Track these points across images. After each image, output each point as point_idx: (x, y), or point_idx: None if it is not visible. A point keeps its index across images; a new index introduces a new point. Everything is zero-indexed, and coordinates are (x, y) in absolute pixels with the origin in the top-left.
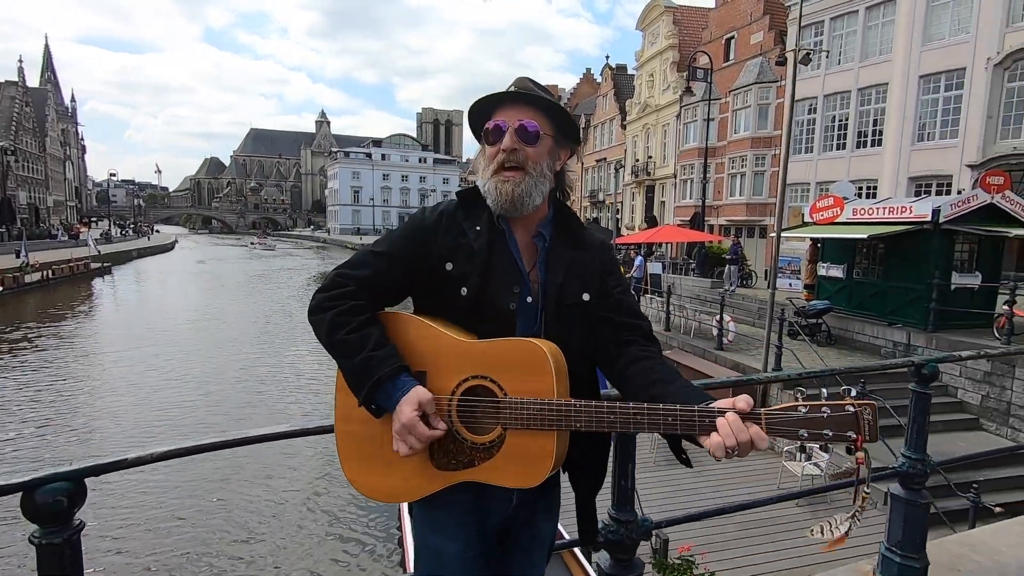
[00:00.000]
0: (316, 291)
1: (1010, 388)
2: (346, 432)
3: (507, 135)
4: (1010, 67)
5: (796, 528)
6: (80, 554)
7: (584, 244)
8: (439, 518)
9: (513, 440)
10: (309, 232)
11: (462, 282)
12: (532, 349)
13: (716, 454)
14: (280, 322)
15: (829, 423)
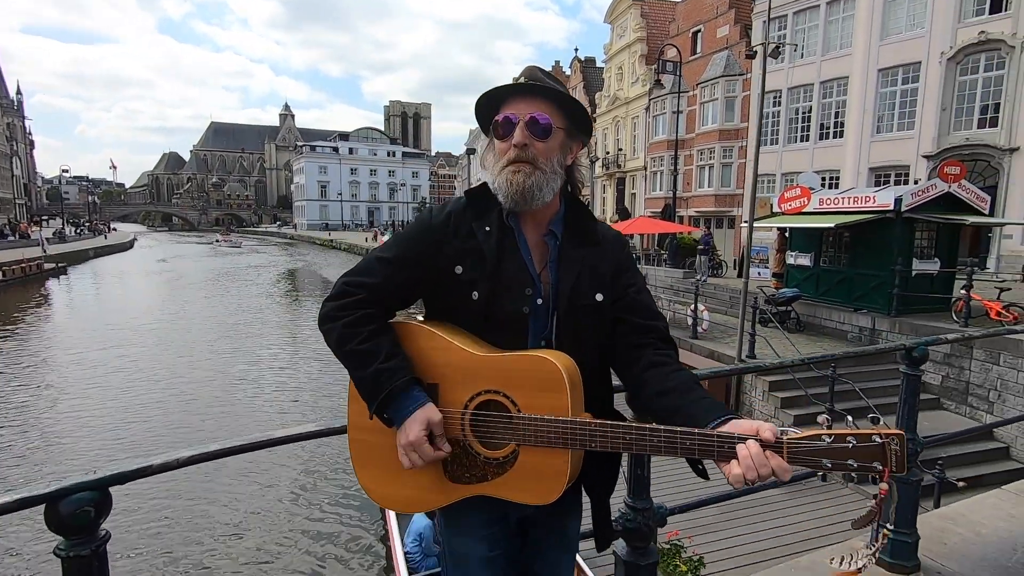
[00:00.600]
0: (325, 300)
1: (968, 369)
2: (360, 441)
3: (518, 129)
4: (962, 61)
5: (778, 510)
6: (107, 565)
7: (597, 240)
8: (461, 521)
9: (526, 457)
10: (275, 228)
11: (472, 287)
12: (547, 365)
13: (735, 484)
14: (251, 320)
15: (854, 453)
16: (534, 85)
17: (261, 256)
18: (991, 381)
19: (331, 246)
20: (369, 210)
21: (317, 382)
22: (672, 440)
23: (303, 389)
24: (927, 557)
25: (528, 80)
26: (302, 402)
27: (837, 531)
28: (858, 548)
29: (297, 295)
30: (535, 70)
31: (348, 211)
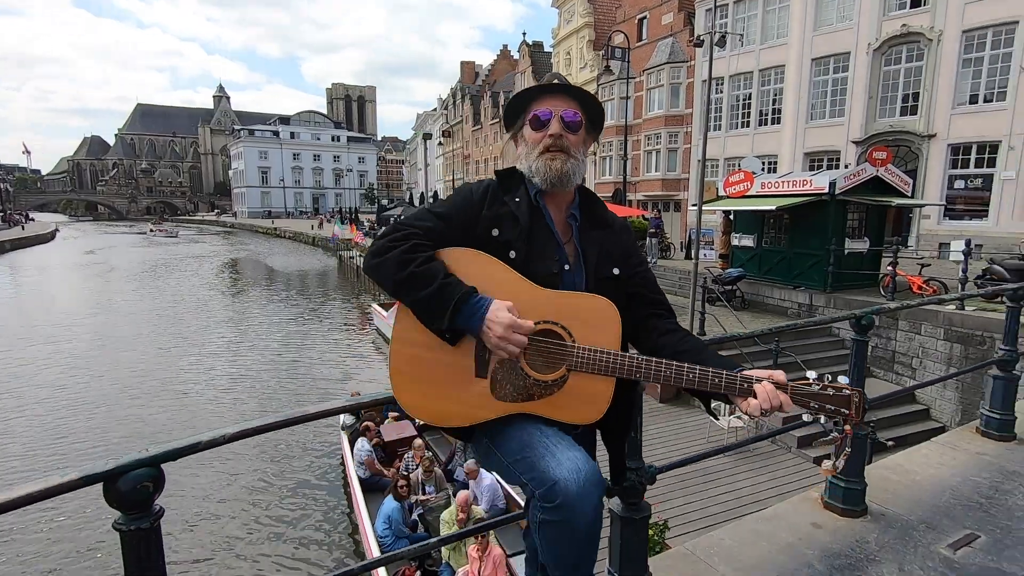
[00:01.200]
0: (377, 238)
1: (894, 339)
2: (407, 355)
3: (553, 121)
4: (886, 52)
5: (727, 477)
6: (161, 538)
7: (609, 224)
8: (512, 423)
9: (575, 382)
10: (214, 216)
11: (509, 247)
12: (604, 305)
13: (752, 413)
14: (195, 312)
15: (832, 400)
16: (567, 86)
17: (200, 246)
18: (914, 349)
19: (275, 234)
20: (314, 196)
21: (270, 372)
22: (704, 377)
23: (257, 380)
24: (873, 502)
25: (558, 82)
26: (258, 393)
27: (784, 491)
28: (834, 459)
29: (243, 285)
30: (559, 75)
31: (292, 198)
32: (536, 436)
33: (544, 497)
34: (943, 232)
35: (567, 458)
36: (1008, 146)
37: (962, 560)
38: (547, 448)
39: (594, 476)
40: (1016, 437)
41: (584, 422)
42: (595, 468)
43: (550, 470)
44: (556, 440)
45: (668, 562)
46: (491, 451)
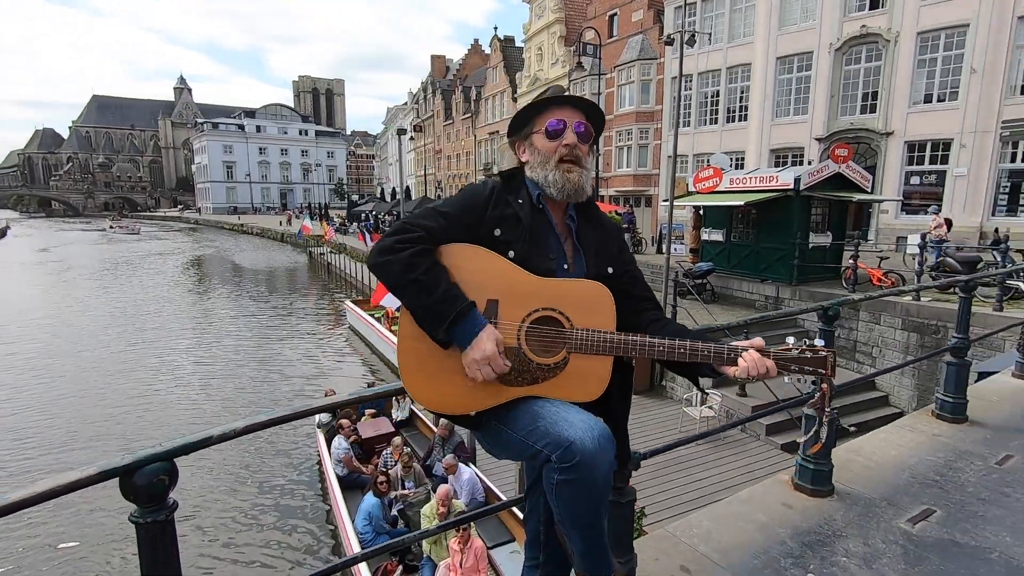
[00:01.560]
0: (384, 236)
1: (856, 329)
2: (414, 349)
3: (569, 132)
4: (847, 52)
5: (702, 464)
6: (175, 530)
7: (604, 226)
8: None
9: (576, 363)
10: (177, 212)
11: (509, 246)
12: (600, 291)
13: (739, 376)
14: (159, 311)
15: (810, 361)
16: (578, 98)
17: (163, 243)
18: (874, 339)
19: (241, 231)
20: (281, 192)
21: (243, 370)
22: (695, 350)
23: (229, 378)
24: (839, 483)
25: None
26: (230, 391)
27: (755, 476)
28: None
29: (210, 283)
30: (563, 88)
31: (258, 193)
32: (546, 407)
33: (562, 458)
34: (899, 226)
35: (579, 419)
36: (960, 144)
37: (920, 533)
38: (558, 414)
39: (607, 433)
40: (968, 419)
41: (588, 399)
42: (606, 428)
43: (564, 432)
44: (564, 407)
45: (651, 544)
46: (501, 431)
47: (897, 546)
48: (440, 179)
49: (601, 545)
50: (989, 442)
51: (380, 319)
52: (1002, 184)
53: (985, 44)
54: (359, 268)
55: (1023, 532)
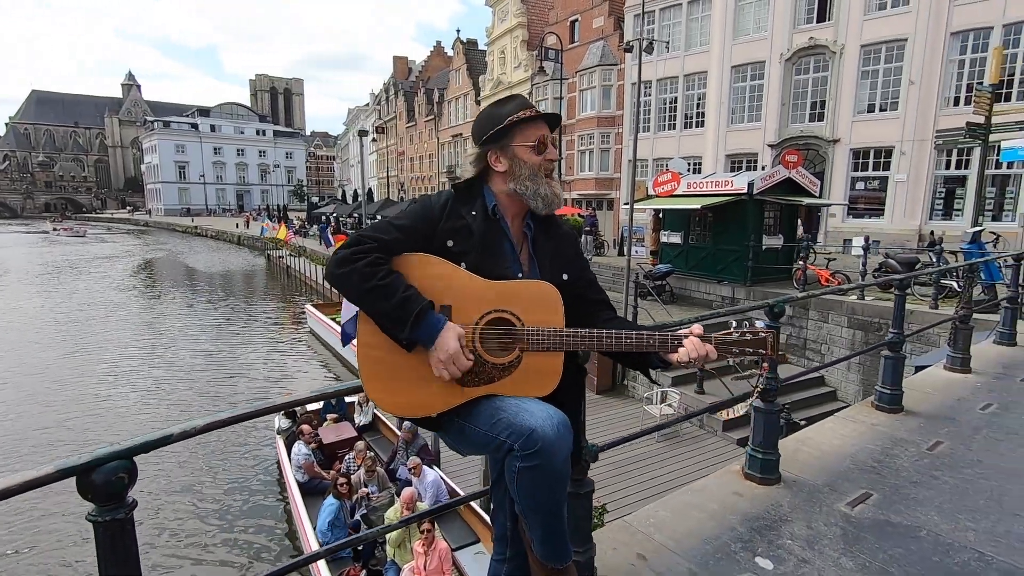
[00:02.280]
0: (339, 248)
1: (805, 327)
2: (374, 357)
3: (550, 147)
4: (797, 62)
5: (661, 460)
6: (135, 529)
7: (559, 233)
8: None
9: (529, 360)
10: (126, 214)
11: (461, 257)
12: (548, 289)
13: (682, 361)
14: (106, 317)
15: (751, 343)
16: (552, 115)
17: (110, 245)
18: (823, 336)
19: (195, 233)
20: (238, 193)
21: (199, 375)
22: (640, 340)
23: (185, 383)
24: (786, 471)
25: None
26: (186, 396)
27: (712, 470)
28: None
29: (162, 287)
30: (525, 98)
31: (213, 194)
32: (506, 400)
33: (524, 446)
34: (847, 229)
35: (539, 409)
36: (900, 151)
37: (858, 515)
38: (518, 406)
39: (565, 421)
40: (904, 409)
41: (542, 394)
42: (564, 416)
43: (526, 421)
44: (524, 400)
45: (609, 534)
46: (464, 428)
47: (837, 528)
48: (403, 181)
49: (560, 532)
50: (922, 430)
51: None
52: (938, 190)
53: (922, 57)
54: (319, 271)
55: (949, 512)
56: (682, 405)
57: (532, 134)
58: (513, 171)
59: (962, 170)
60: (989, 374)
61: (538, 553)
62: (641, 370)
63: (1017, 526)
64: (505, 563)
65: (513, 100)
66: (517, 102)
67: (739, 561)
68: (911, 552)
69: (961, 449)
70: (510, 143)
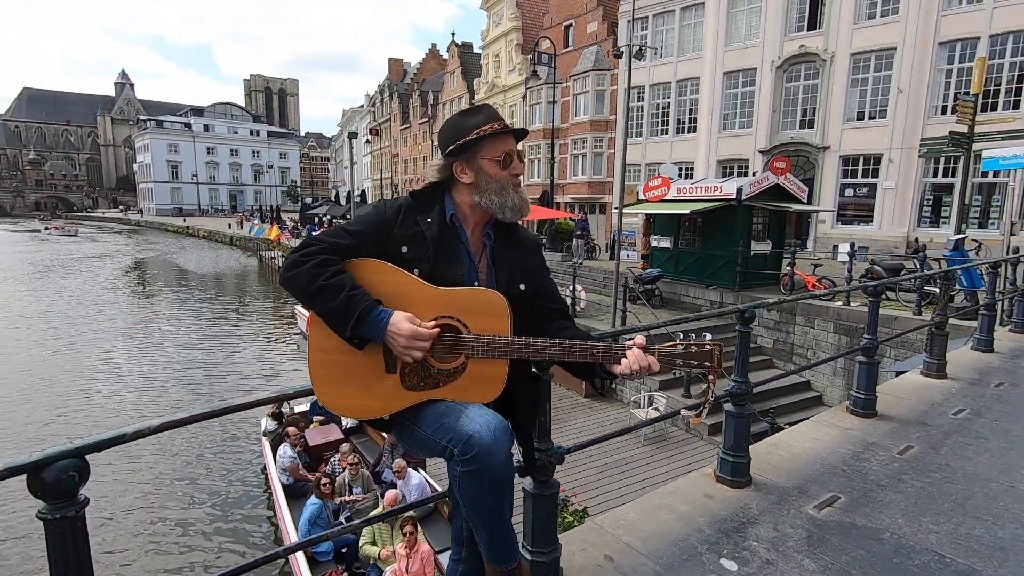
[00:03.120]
0: (290, 253)
1: (792, 332)
2: (324, 361)
3: (516, 161)
4: (788, 69)
5: (641, 464)
6: (87, 527)
7: (520, 242)
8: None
9: (474, 367)
10: (118, 213)
11: (415, 263)
12: (494, 297)
13: (624, 373)
14: (99, 314)
15: (695, 356)
16: (519, 130)
17: (101, 245)
18: (809, 342)
19: (187, 233)
20: (231, 194)
21: (188, 375)
22: (584, 350)
23: (174, 383)
24: (756, 474)
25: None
26: (173, 395)
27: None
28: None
29: (154, 287)
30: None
31: (206, 194)
32: (451, 406)
33: (463, 451)
34: (835, 235)
35: (478, 414)
36: (888, 159)
37: (824, 518)
38: (460, 412)
39: (503, 427)
40: (877, 414)
41: (485, 400)
42: (503, 422)
43: (464, 427)
44: (468, 406)
45: (578, 535)
46: (413, 430)
47: (803, 530)
48: (397, 183)
49: (505, 535)
50: (893, 434)
51: None
52: (926, 197)
53: (910, 66)
54: None
55: (914, 514)
56: (668, 408)
57: (500, 148)
58: (479, 184)
59: (949, 178)
60: (964, 380)
61: (485, 555)
62: (587, 379)
63: (978, 529)
64: (461, 563)
65: (481, 111)
66: (485, 114)
67: (704, 562)
68: (872, 554)
69: (930, 453)
70: (476, 156)
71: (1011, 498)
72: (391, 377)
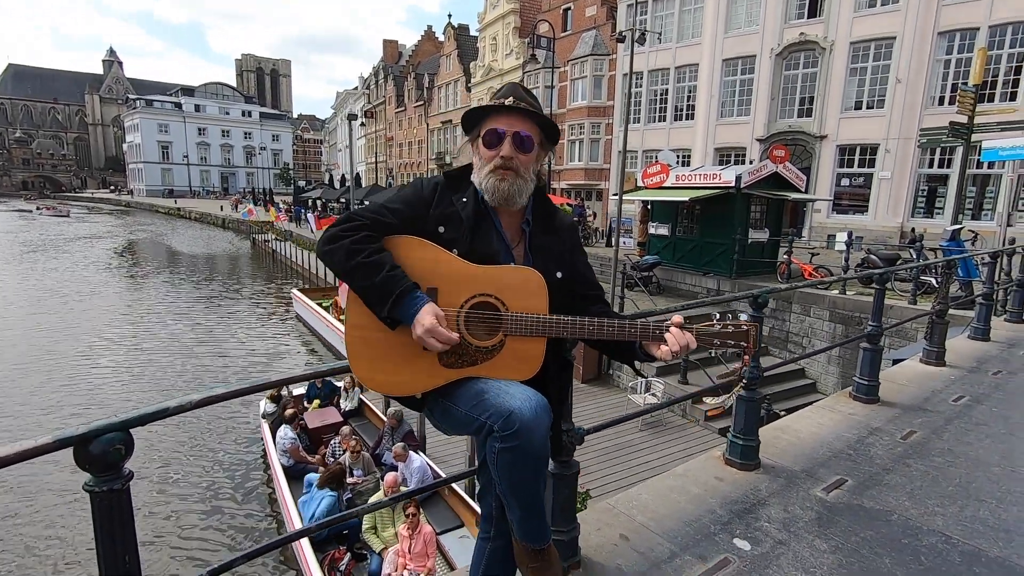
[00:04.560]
0: (329, 227)
1: (788, 320)
2: (359, 338)
3: (506, 143)
4: (787, 57)
5: (646, 448)
6: (131, 499)
7: (557, 228)
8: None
9: (513, 345)
10: (108, 194)
11: (452, 244)
12: (533, 276)
13: (666, 356)
14: (91, 295)
15: (732, 335)
16: (522, 109)
17: (92, 226)
18: (804, 329)
19: (178, 215)
20: (223, 175)
21: (186, 358)
22: (622, 328)
23: (169, 366)
24: (765, 457)
25: (514, 99)
26: (171, 379)
27: (692, 457)
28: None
29: (147, 269)
30: (517, 87)
31: (197, 176)
32: (489, 383)
33: (503, 427)
34: (831, 224)
35: (519, 391)
36: (885, 149)
37: (833, 500)
38: (500, 388)
39: (543, 404)
40: (880, 400)
41: (523, 378)
42: (543, 399)
43: (505, 403)
44: (506, 382)
45: (593, 515)
46: (447, 408)
47: (812, 511)
48: (392, 167)
49: (538, 513)
50: (896, 420)
51: (328, 308)
52: (921, 188)
53: (909, 56)
54: (307, 256)
55: (920, 497)
56: (666, 394)
57: (490, 126)
58: (476, 161)
59: (945, 169)
60: (963, 368)
61: (518, 534)
62: (627, 363)
63: (982, 511)
64: (489, 541)
65: (504, 88)
66: (503, 90)
67: (718, 542)
68: (882, 535)
69: (933, 439)
70: (477, 135)
71: (1013, 482)
72: (428, 355)
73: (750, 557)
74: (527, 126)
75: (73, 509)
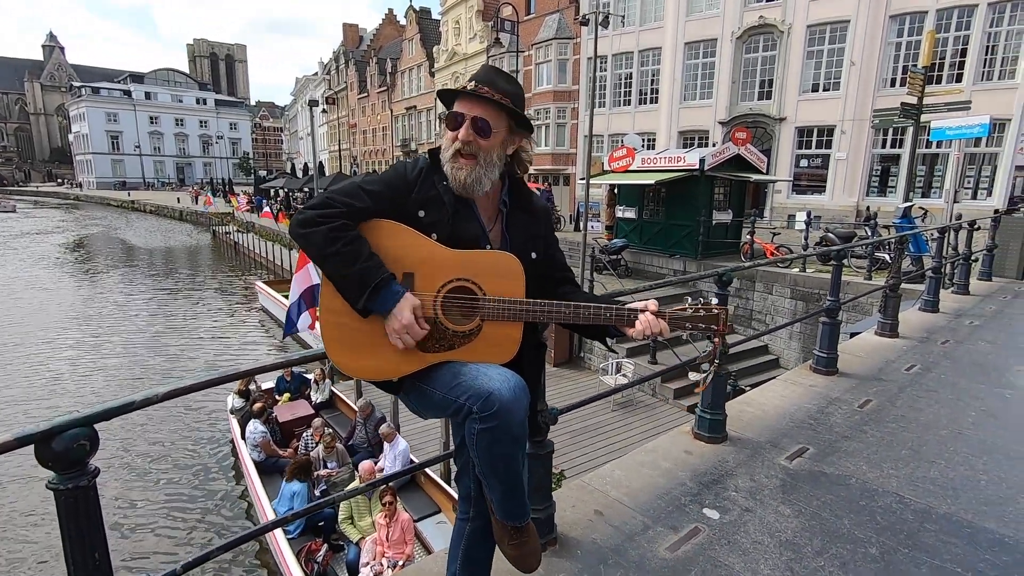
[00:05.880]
0: (304, 208)
1: (751, 299)
2: (334, 323)
3: (464, 127)
4: (747, 41)
5: (617, 428)
6: (98, 496)
7: (532, 211)
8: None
9: (489, 329)
10: (55, 187)
11: (432, 229)
12: (509, 260)
13: (637, 337)
14: (42, 294)
15: (703, 319)
16: (481, 96)
17: (39, 221)
18: (768, 308)
19: (132, 208)
20: (178, 166)
21: (148, 354)
22: (598, 312)
23: (132, 362)
24: (731, 430)
25: (475, 84)
26: (137, 373)
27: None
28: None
29: (98, 265)
30: (492, 72)
31: (151, 167)
32: (466, 365)
33: (483, 407)
34: (791, 205)
35: (496, 372)
36: (840, 131)
37: (795, 468)
38: (478, 370)
39: (522, 384)
40: (839, 371)
41: (500, 362)
42: (521, 379)
43: (484, 384)
44: (482, 364)
45: (568, 493)
46: (425, 391)
47: (777, 479)
48: (356, 155)
49: (518, 492)
50: (854, 390)
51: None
52: (875, 168)
53: (863, 39)
54: (270, 248)
55: (875, 461)
56: (636, 375)
57: (457, 108)
58: (443, 143)
59: (897, 149)
60: (914, 338)
61: (497, 513)
62: (599, 339)
63: (932, 472)
64: (469, 522)
65: (478, 72)
66: (476, 74)
67: (688, 512)
68: (840, 498)
69: (887, 406)
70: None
71: (960, 443)
72: None
73: (719, 525)
74: (489, 112)
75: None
